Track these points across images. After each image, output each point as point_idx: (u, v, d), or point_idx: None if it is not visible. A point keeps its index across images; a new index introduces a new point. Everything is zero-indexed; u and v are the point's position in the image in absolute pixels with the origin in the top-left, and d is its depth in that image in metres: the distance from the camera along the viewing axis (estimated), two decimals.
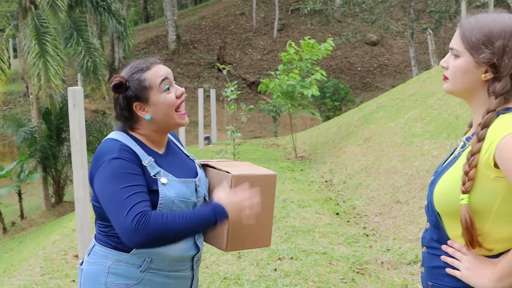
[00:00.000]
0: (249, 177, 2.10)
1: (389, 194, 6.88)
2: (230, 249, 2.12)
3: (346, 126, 12.35)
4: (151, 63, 2.08)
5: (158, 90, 2.03)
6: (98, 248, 2.05)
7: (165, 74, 2.05)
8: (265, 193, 2.14)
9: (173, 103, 2.04)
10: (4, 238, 13.18)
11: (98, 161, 1.98)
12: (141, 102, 2.04)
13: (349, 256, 5.05)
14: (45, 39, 12.87)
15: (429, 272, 1.75)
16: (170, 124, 2.07)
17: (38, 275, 4.98)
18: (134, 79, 2.05)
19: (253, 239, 2.19)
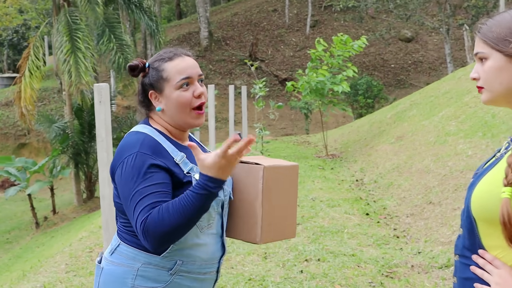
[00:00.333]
0: (278, 168, 2.09)
1: (421, 194, 6.69)
2: (264, 241, 2.08)
3: (378, 124, 12.13)
4: (175, 54, 1.98)
5: (174, 85, 1.93)
6: (124, 248, 1.95)
7: (187, 72, 1.95)
8: (290, 184, 2.16)
9: (187, 103, 1.94)
10: (37, 232, 13.34)
11: (119, 156, 1.89)
12: (155, 91, 1.97)
13: (378, 259, 4.90)
14: (77, 35, 12.95)
15: (462, 283, 1.61)
16: (182, 121, 1.98)
17: (63, 272, 4.96)
18: (154, 66, 1.98)
19: (282, 230, 2.17)
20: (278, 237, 2.17)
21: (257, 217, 2.03)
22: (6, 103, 23.22)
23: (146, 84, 1.98)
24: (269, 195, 2.05)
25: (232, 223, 2.13)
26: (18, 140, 21.96)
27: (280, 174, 2.10)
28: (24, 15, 33.05)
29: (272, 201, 2.07)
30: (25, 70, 13.64)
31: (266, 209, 2.04)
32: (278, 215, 2.10)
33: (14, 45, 34.28)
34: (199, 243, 1.95)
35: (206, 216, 1.94)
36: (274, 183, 2.07)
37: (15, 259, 10.60)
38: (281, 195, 2.12)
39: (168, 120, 1.98)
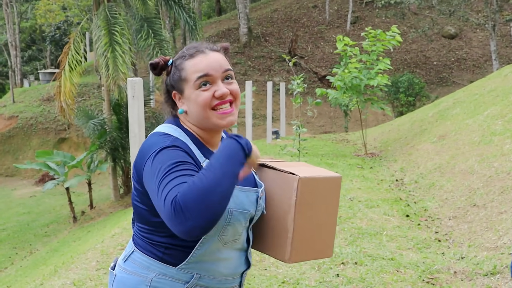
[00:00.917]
0: (316, 179, 1.86)
1: (464, 196, 6.40)
2: (293, 261, 1.87)
3: (419, 122, 11.80)
4: (197, 50, 1.79)
5: (192, 85, 1.76)
6: (139, 256, 1.79)
7: (206, 70, 1.75)
8: (329, 198, 1.92)
9: (206, 103, 1.74)
10: (74, 226, 13.45)
11: (144, 155, 1.68)
12: (177, 92, 1.81)
13: (418, 263, 4.67)
14: (115, 29, 12.98)
15: None
16: (206, 123, 1.78)
17: (94, 269, 4.87)
18: (176, 65, 1.81)
19: (316, 248, 1.94)
20: (310, 256, 1.96)
21: (287, 233, 1.83)
22: (47, 98, 23.59)
23: (168, 85, 1.83)
24: (303, 210, 1.83)
25: (261, 236, 1.93)
26: (58, 135, 22.28)
27: (318, 187, 1.87)
28: (67, 11, 33.55)
29: (306, 217, 1.85)
30: (65, 64, 13.75)
31: (299, 225, 1.83)
32: (313, 232, 1.89)
33: (56, 41, 34.86)
34: (221, 257, 1.78)
35: (232, 231, 1.76)
36: (310, 196, 1.85)
37: (52, 253, 10.68)
38: (318, 210, 1.89)
39: (193, 122, 1.81)
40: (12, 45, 31.92)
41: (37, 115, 22.95)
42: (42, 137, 22.19)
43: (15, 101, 24.22)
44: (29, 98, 24.56)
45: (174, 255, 1.74)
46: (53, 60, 35.37)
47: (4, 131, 22.18)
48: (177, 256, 1.74)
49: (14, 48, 31.90)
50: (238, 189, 1.75)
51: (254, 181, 1.88)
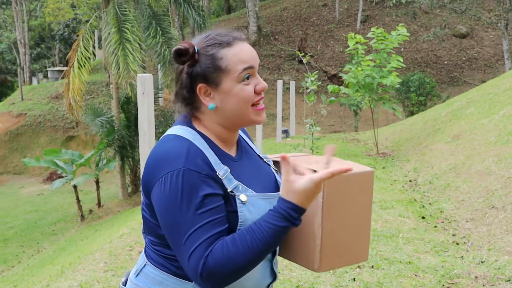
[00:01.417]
0: (346, 176, 1.64)
1: (482, 198, 6.22)
2: (324, 269, 1.67)
3: (432, 122, 11.60)
4: (234, 38, 1.59)
5: (236, 77, 1.55)
6: (151, 271, 1.61)
7: (250, 61, 1.57)
8: (361, 195, 1.72)
9: (249, 98, 1.57)
10: (82, 225, 13.33)
11: (157, 168, 1.50)
12: (208, 84, 1.57)
13: (437, 268, 4.50)
14: (125, 26, 12.85)
15: None
16: (241, 121, 1.60)
17: (101, 271, 4.73)
18: (207, 53, 1.56)
19: (349, 253, 1.74)
20: (343, 263, 1.75)
21: (315, 239, 1.63)
22: (56, 96, 23.51)
23: (196, 75, 1.57)
24: (332, 212, 1.63)
25: (287, 242, 1.73)
26: (67, 133, 22.20)
27: (349, 184, 1.66)
28: (76, 9, 33.52)
29: (336, 219, 1.65)
30: (74, 61, 13.64)
31: (328, 229, 1.63)
32: (344, 235, 1.69)
33: (65, 39, 34.84)
34: None
35: None
36: (339, 195, 1.65)
37: (59, 251, 10.57)
38: (349, 210, 1.69)
39: (220, 120, 1.60)
40: (21, 43, 31.91)
41: (45, 112, 22.88)
42: (50, 135, 22.12)
43: (23, 99, 24.17)
44: (38, 95, 24.50)
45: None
46: (62, 58, 35.34)
47: (12, 129, 22.12)
48: None
49: (23, 46, 31.88)
50: (260, 197, 1.57)
51: (275, 184, 1.70)
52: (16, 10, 31.17)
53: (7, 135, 21.96)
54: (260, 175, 1.67)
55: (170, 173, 1.46)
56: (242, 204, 1.51)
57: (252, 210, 1.53)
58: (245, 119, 1.59)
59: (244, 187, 1.55)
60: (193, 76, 1.57)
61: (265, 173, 1.70)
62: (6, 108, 23.75)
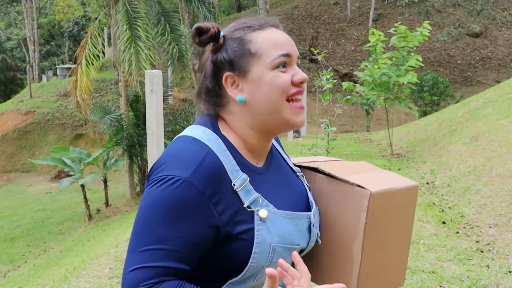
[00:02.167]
0: (391, 193, 1.40)
1: (506, 202, 5.93)
2: None
3: (448, 122, 11.29)
4: (266, 22, 1.37)
5: (268, 64, 1.31)
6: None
7: (287, 48, 1.33)
8: (404, 214, 1.48)
9: (285, 87, 1.31)
10: (89, 225, 13.15)
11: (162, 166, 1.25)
12: (235, 73, 1.33)
13: (462, 278, 4.22)
14: (137, 24, 12.65)
15: None
16: (275, 119, 1.32)
17: (106, 277, 4.49)
18: (235, 37, 1.35)
19: (387, 278, 1.50)
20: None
21: (353, 264, 1.39)
22: (64, 93, 23.36)
23: (223, 62, 1.34)
24: (374, 233, 1.39)
25: (319, 267, 1.47)
26: (75, 131, 22.05)
27: (393, 202, 1.42)
28: (86, 7, 33.41)
29: (377, 241, 1.41)
30: (82, 59, 13.44)
31: (368, 254, 1.39)
32: (384, 259, 1.45)
33: (75, 36, 34.73)
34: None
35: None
36: (383, 215, 1.40)
37: (66, 252, 10.39)
38: (391, 231, 1.45)
39: (250, 120, 1.34)
40: (30, 40, 31.82)
41: (54, 110, 22.74)
42: (59, 133, 21.97)
43: (32, 96, 24.05)
44: (47, 93, 24.37)
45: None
46: (71, 56, 35.23)
47: (21, 126, 22.00)
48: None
49: (33, 43, 31.80)
50: (284, 216, 1.30)
51: (307, 203, 1.42)
52: (26, 7, 31.09)
53: (15, 132, 21.83)
54: (289, 190, 1.40)
55: (171, 177, 1.21)
56: (261, 223, 1.25)
57: (273, 230, 1.26)
58: (277, 117, 1.32)
59: (265, 202, 1.29)
60: (218, 64, 1.35)
61: (296, 189, 1.43)
62: (14, 106, 23.64)
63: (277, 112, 1.31)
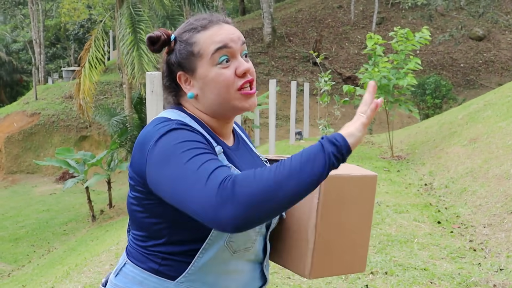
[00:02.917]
0: (345, 178, 1.53)
1: (500, 202, 6.03)
2: (315, 276, 1.54)
3: (448, 125, 11.39)
4: (210, 21, 1.47)
5: (209, 61, 1.43)
6: (131, 270, 1.48)
7: (224, 41, 1.44)
8: (361, 201, 1.59)
9: (229, 83, 1.43)
10: (93, 225, 13.29)
11: (143, 146, 1.36)
12: (185, 72, 1.47)
13: (453, 275, 4.33)
14: (140, 27, 12.81)
15: None
16: (225, 108, 1.46)
17: (106, 273, 4.62)
18: (182, 39, 1.47)
19: (344, 261, 1.61)
20: (337, 271, 1.63)
21: (308, 243, 1.50)
22: (69, 95, 23.53)
23: (173, 64, 1.49)
24: (328, 215, 1.50)
25: (279, 246, 1.61)
26: (80, 133, 22.23)
27: (348, 187, 1.54)
28: (92, 10, 33.62)
29: (332, 224, 1.52)
30: (86, 62, 13.60)
31: (322, 234, 1.50)
32: (340, 242, 1.56)
33: (80, 39, 34.94)
34: (229, 269, 1.46)
35: (243, 237, 1.43)
36: (337, 199, 1.52)
37: (69, 252, 10.51)
38: (347, 216, 1.56)
39: (204, 109, 1.49)
40: (36, 43, 32.05)
41: (59, 112, 22.93)
42: (64, 135, 22.15)
43: (37, 98, 24.25)
44: (52, 95, 24.56)
45: (172, 266, 1.43)
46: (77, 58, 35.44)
47: (26, 128, 22.19)
48: (176, 268, 1.43)
49: (39, 46, 32.03)
50: None
51: None
52: (32, 10, 31.32)
53: (21, 134, 22.02)
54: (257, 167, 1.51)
55: (159, 135, 1.34)
56: None
57: None
58: (228, 106, 1.46)
59: (237, 171, 1.42)
60: (170, 65, 1.50)
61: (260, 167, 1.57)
62: (20, 107, 23.84)
63: (225, 103, 1.45)
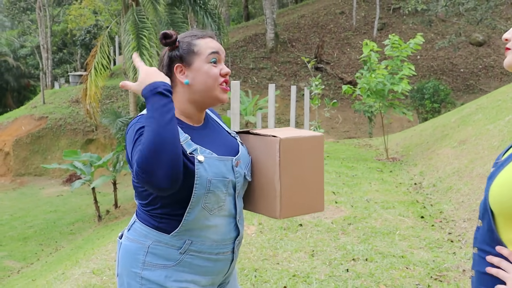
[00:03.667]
0: (297, 139, 2.02)
1: (480, 199, 6.42)
2: (284, 216, 2.02)
3: (441, 127, 11.79)
4: (205, 34, 2.04)
5: (204, 59, 1.98)
6: (138, 226, 1.99)
7: (216, 48, 2.01)
8: (313, 156, 2.07)
9: (216, 76, 1.98)
10: (99, 225, 13.71)
11: (126, 135, 1.94)
12: (183, 64, 1.99)
13: (428, 262, 4.74)
14: (143, 33, 13.23)
15: (479, 277, 1.53)
16: (208, 96, 1.99)
17: (113, 260, 5.05)
18: (185, 41, 2.01)
19: (305, 203, 2.09)
20: (301, 211, 2.10)
21: (275, 192, 1.98)
22: (76, 99, 24.03)
23: (174, 57, 2.00)
24: (288, 168, 1.98)
25: (253, 198, 2.10)
26: (86, 136, 22.68)
27: (300, 146, 2.02)
28: (98, 16, 34.13)
29: (292, 175, 2.00)
30: (92, 68, 14.05)
31: (285, 184, 1.98)
32: (300, 188, 2.03)
33: (86, 44, 35.46)
34: (209, 224, 1.95)
35: (214, 198, 1.93)
36: (293, 155, 2.00)
37: (76, 250, 10.92)
38: (303, 168, 2.04)
39: (190, 96, 1.99)
40: (44, 48, 32.58)
41: (66, 116, 23.40)
42: (71, 138, 22.62)
43: (45, 102, 24.73)
44: (59, 99, 25.05)
45: (167, 224, 1.92)
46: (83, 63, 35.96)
47: (34, 131, 22.66)
48: (170, 225, 1.92)
49: (46, 51, 32.55)
50: (216, 159, 1.93)
51: (236, 151, 2.06)
52: (40, 16, 31.87)
53: (28, 137, 22.49)
54: (222, 142, 2.05)
55: (129, 127, 1.90)
56: (199, 163, 1.87)
57: (208, 168, 1.89)
58: (212, 95, 1.99)
59: (203, 149, 1.92)
60: (172, 58, 2.00)
61: (228, 142, 2.08)
62: (28, 111, 24.31)
63: (210, 91, 1.98)
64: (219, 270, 2.04)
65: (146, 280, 1.94)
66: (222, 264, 2.03)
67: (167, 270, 1.93)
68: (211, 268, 2.00)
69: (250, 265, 4.65)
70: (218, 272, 2.04)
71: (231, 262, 2.08)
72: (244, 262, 4.73)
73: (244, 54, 28.65)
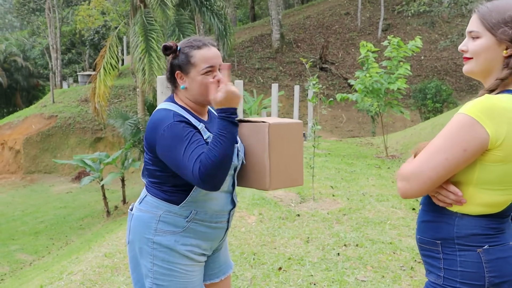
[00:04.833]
0: (282, 125, 2.44)
1: None
2: (273, 187, 2.44)
3: (440, 126, 12.14)
4: (203, 43, 2.35)
5: (200, 71, 2.31)
6: (150, 199, 2.38)
7: (211, 62, 2.33)
8: (294, 138, 2.50)
9: (207, 86, 2.31)
10: (107, 220, 14.13)
11: (156, 129, 2.26)
12: (182, 72, 2.35)
13: (415, 248, 5.12)
14: (151, 35, 13.63)
15: (419, 226, 1.95)
16: (202, 100, 2.36)
17: (123, 245, 5.45)
18: (184, 52, 2.35)
19: (289, 178, 2.51)
20: (286, 184, 2.51)
21: (265, 167, 2.39)
22: (85, 99, 24.46)
23: (175, 65, 2.37)
24: (275, 148, 2.40)
25: (245, 175, 2.50)
26: (95, 134, 23.08)
27: (284, 130, 2.45)
28: (106, 16, 34.57)
29: (278, 153, 2.42)
30: (101, 68, 14.46)
31: (273, 160, 2.39)
32: (285, 165, 2.45)
33: (95, 45, 35.91)
34: (211, 197, 2.37)
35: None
36: (279, 137, 2.42)
37: (86, 243, 11.31)
38: (287, 148, 2.46)
39: (189, 97, 2.37)
40: (53, 48, 33.04)
41: (75, 115, 23.82)
42: (80, 136, 23.04)
43: (54, 102, 25.16)
44: (68, 98, 25.48)
45: (176, 197, 2.34)
46: (92, 63, 36.40)
47: (44, 130, 23.08)
48: (179, 197, 2.34)
49: (55, 51, 33.01)
50: None
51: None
52: (49, 16, 32.32)
53: (38, 135, 22.92)
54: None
55: (165, 128, 2.23)
56: None
57: None
58: (206, 99, 2.37)
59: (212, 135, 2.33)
60: (173, 65, 2.38)
61: None
62: (38, 110, 24.74)
63: (203, 96, 2.36)
64: (216, 236, 2.47)
65: (158, 244, 2.35)
66: (219, 232, 2.47)
67: (175, 235, 2.35)
68: (211, 234, 2.43)
69: (249, 249, 5.05)
70: (216, 238, 2.47)
71: (225, 230, 2.52)
72: (244, 247, 5.13)
73: (250, 54, 29.05)
